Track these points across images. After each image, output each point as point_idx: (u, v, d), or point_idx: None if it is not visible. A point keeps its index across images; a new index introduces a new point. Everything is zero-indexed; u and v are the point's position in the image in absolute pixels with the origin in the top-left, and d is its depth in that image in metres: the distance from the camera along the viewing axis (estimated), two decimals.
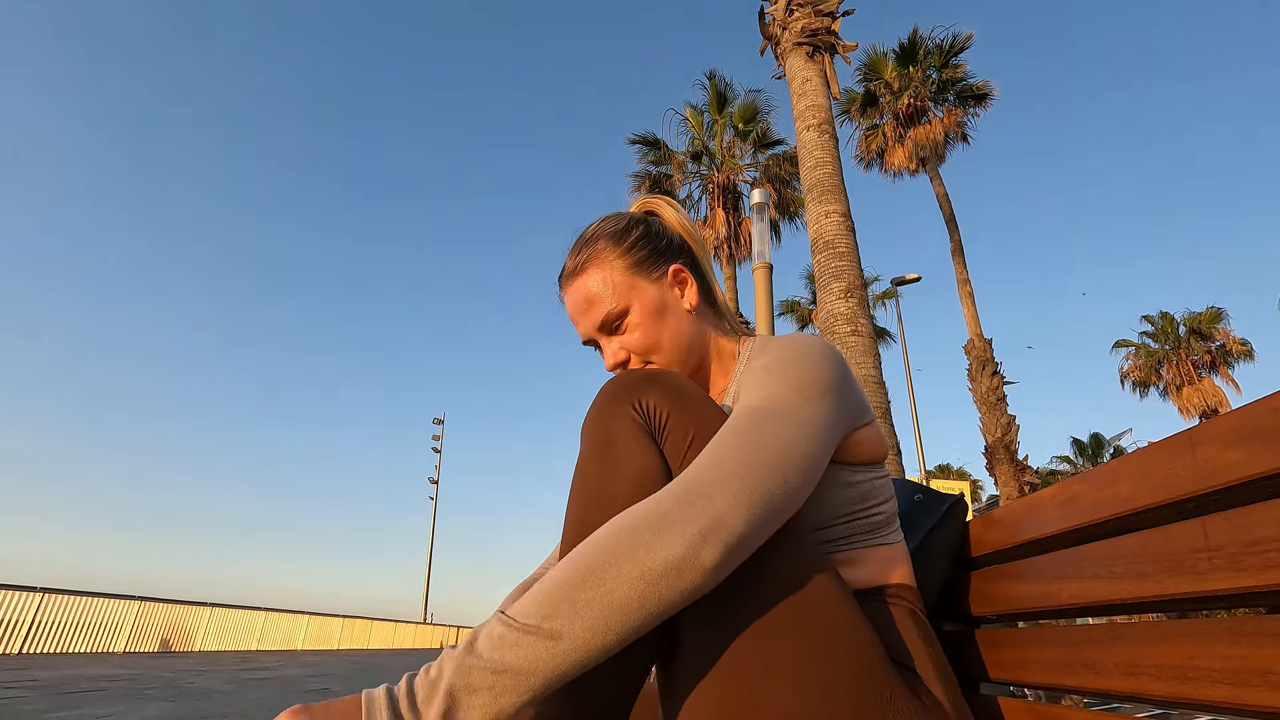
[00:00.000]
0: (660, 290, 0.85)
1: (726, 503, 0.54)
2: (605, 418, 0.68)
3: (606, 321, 0.84)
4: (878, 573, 0.76)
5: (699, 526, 0.53)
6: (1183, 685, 0.52)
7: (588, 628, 0.49)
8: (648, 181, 14.03)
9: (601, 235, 0.86)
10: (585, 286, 0.84)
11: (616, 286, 0.83)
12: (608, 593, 0.50)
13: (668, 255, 0.87)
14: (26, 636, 9.69)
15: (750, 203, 5.87)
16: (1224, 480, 0.50)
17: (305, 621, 16.42)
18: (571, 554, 0.53)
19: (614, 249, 0.85)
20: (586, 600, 0.50)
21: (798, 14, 6.67)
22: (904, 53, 13.70)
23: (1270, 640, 0.45)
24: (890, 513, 0.80)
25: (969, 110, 13.82)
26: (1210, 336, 21.15)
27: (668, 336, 0.83)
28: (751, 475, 0.57)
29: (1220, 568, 0.49)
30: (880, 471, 0.79)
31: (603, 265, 0.84)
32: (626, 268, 0.84)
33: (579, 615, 0.49)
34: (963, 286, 12.37)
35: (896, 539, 0.80)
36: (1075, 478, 0.70)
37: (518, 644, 0.49)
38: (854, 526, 0.76)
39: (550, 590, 0.51)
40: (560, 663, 0.49)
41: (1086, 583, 0.65)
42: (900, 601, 0.75)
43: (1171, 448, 0.56)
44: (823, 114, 6.21)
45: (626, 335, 0.84)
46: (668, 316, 0.84)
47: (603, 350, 0.87)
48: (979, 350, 11.69)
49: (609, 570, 0.51)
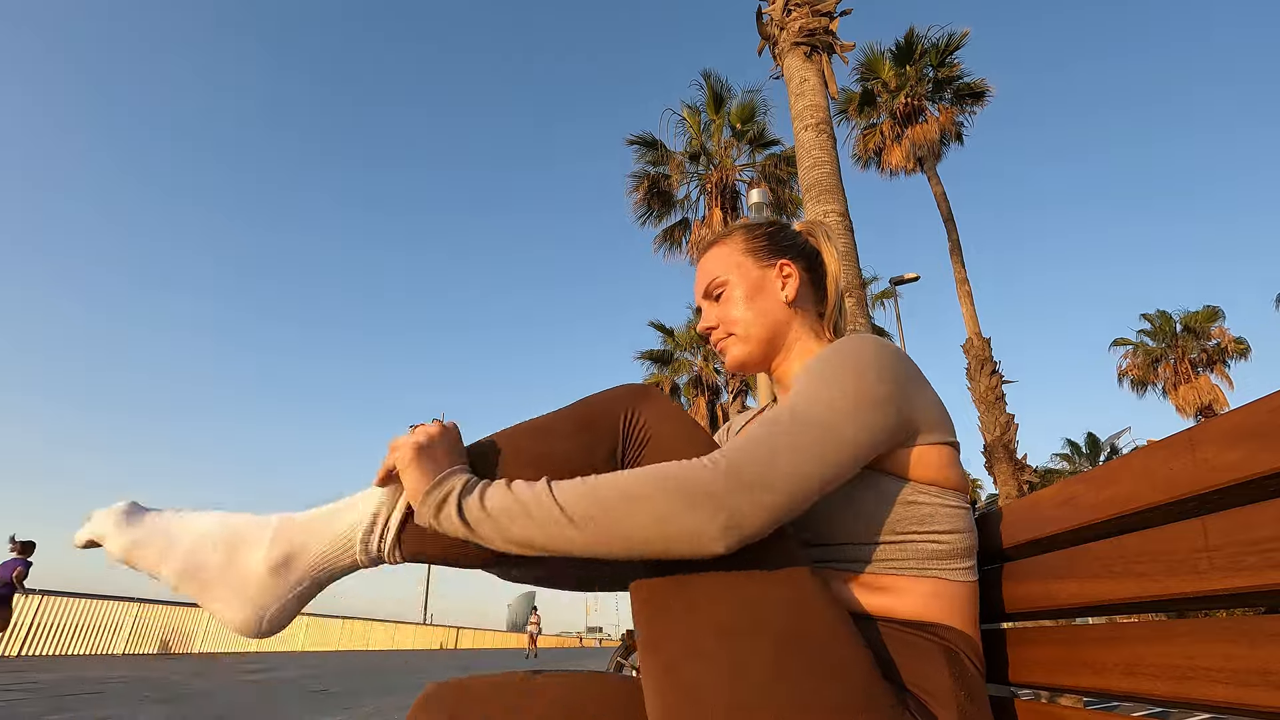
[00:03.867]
0: (763, 275, 0.94)
1: (754, 506, 0.59)
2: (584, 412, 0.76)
3: (710, 289, 0.96)
4: (918, 606, 0.71)
5: (725, 517, 0.58)
6: (1183, 685, 0.52)
7: (599, 538, 0.60)
8: (646, 181, 14.03)
9: (740, 225, 0.99)
10: (707, 260, 0.98)
11: (727, 262, 0.95)
12: (628, 521, 0.59)
13: (785, 252, 0.95)
14: (26, 638, 9.67)
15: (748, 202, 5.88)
16: (1224, 480, 0.50)
17: (305, 623, 16.40)
18: (633, 472, 0.63)
19: (741, 236, 0.97)
20: (611, 519, 0.60)
21: (795, 14, 6.67)
22: (901, 52, 13.71)
23: (1270, 640, 0.45)
24: (958, 548, 0.73)
25: (966, 109, 13.83)
26: (1206, 335, 21.19)
27: (753, 315, 0.92)
28: (783, 485, 0.61)
29: (1220, 567, 0.49)
30: (951, 499, 0.74)
31: (726, 245, 0.97)
32: (743, 250, 0.95)
33: (599, 527, 0.60)
34: (961, 286, 12.38)
35: (960, 577, 0.73)
36: (1075, 477, 0.70)
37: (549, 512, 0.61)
38: (901, 550, 0.72)
39: (594, 492, 0.61)
40: (563, 545, 0.61)
41: (1086, 582, 0.65)
42: (936, 639, 0.69)
43: (1171, 447, 0.56)
44: (820, 113, 6.21)
45: (721, 305, 0.95)
46: (760, 298, 0.93)
47: (701, 317, 0.98)
48: (977, 349, 11.69)
49: (639, 508, 0.59)
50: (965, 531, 0.74)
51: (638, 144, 14.13)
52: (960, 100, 13.74)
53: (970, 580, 0.74)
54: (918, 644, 0.69)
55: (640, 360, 19.10)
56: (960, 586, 0.73)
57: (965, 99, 13.73)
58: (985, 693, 0.70)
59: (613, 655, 5.77)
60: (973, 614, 0.73)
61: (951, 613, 0.72)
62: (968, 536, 0.74)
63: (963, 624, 0.72)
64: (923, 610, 0.71)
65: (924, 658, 0.68)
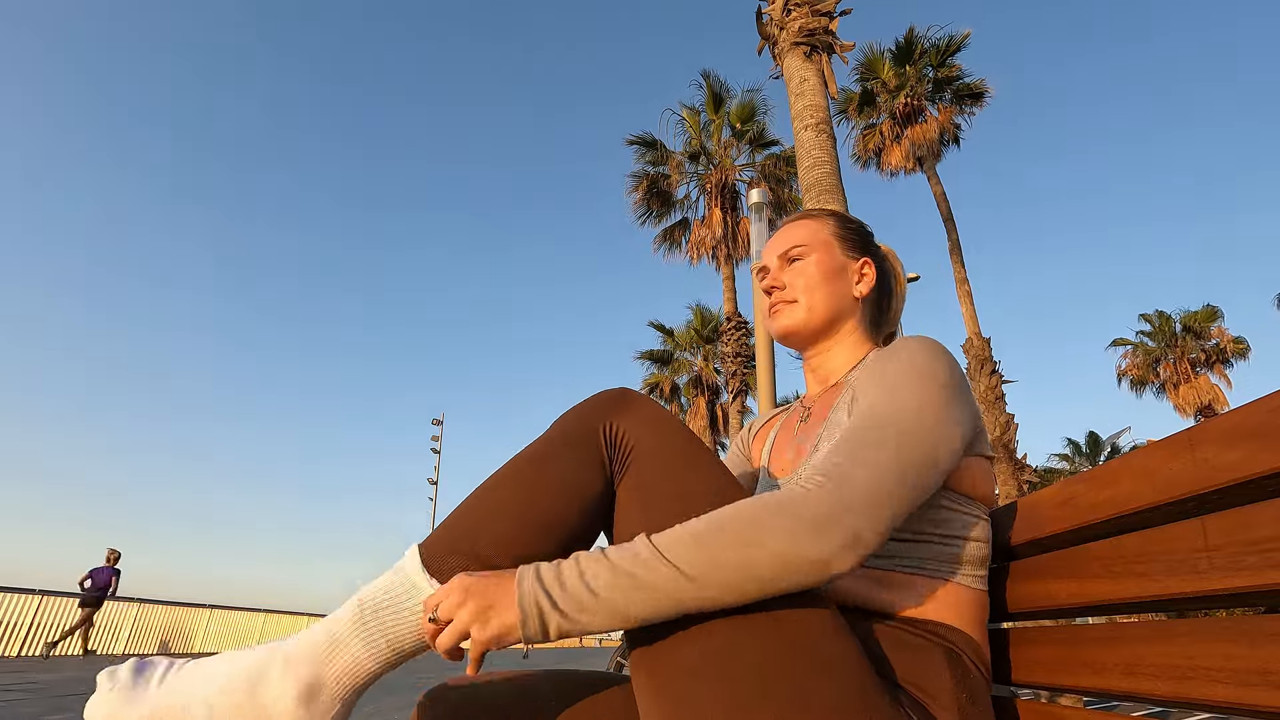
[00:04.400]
0: (844, 263, 0.95)
1: (870, 523, 0.59)
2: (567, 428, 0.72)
3: (790, 251, 0.95)
4: (924, 606, 0.71)
5: (843, 538, 0.57)
6: (1183, 685, 0.52)
7: (724, 590, 0.56)
8: (646, 181, 14.04)
9: (835, 212, 1.01)
10: (796, 227, 0.98)
11: (816, 235, 0.96)
12: (752, 566, 0.56)
13: (868, 251, 0.97)
14: (26, 638, 9.66)
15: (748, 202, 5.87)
16: (1224, 480, 0.50)
17: (305, 623, 16.39)
18: (732, 511, 0.59)
19: (835, 221, 0.98)
20: (734, 567, 0.56)
21: (795, 14, 6.67)
22: (901, 52, 13.70)
23: (1270, 640, 0.45)
24: (973, 555, 0.74)
25: (965, 109, 13.83)
26: (1206, 335, 21.20)
27: (824, 291, 0.92)
28: (896, 501, 0.61)
29: (1220, 567, 0.49)
30: (973, 508, 0.75)
31: (819, 221, 0.98)
32: (833, 233, 0.97)
33: (724, 578, 0.56)
34: (961, 285, 12.38)
35: (971, 584, 0.73)
36: (1075, 477, 0.70)
37: (664, 577, 0.56)
38: (916, 549, 0.73)
39: (702, 540, 0.57)
40: (691, 607, 0.57)
41: (1086, 583, 0.65)
42: (939, 640, 0.69)
43: (1171, 447, 0.56)
44: (820, 113, 6.21)
45: (795, 268, 0.94)
46: (835, 279, 0.93)
47: (769, 274, 0.97)
48: (977, 349, 11.70)
49: (759, 549, 0.56)
50: (981, 541, 0.75)
51: (637, 144, 14.12)
52: (960, 101, 13.74)
53: (981, 589, 0.74)
54: (919, 643, 0.68)
55: (640, 360, 19.11)
56: (970, 592, 0.73)
57: (965, 99, 13.73)
58: (989, 698, 0.69)
59: (613, 655, 5.76)
60: (981, 620, 0.74)
61: (960, 616, 0.71)
62: (983, 546, 0.75)
63: (970, 628, 0.72)
64: (929, 611, 0.71)
65: (923, 657, 0.67)
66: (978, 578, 0.74)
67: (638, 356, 19.13)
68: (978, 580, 0.74)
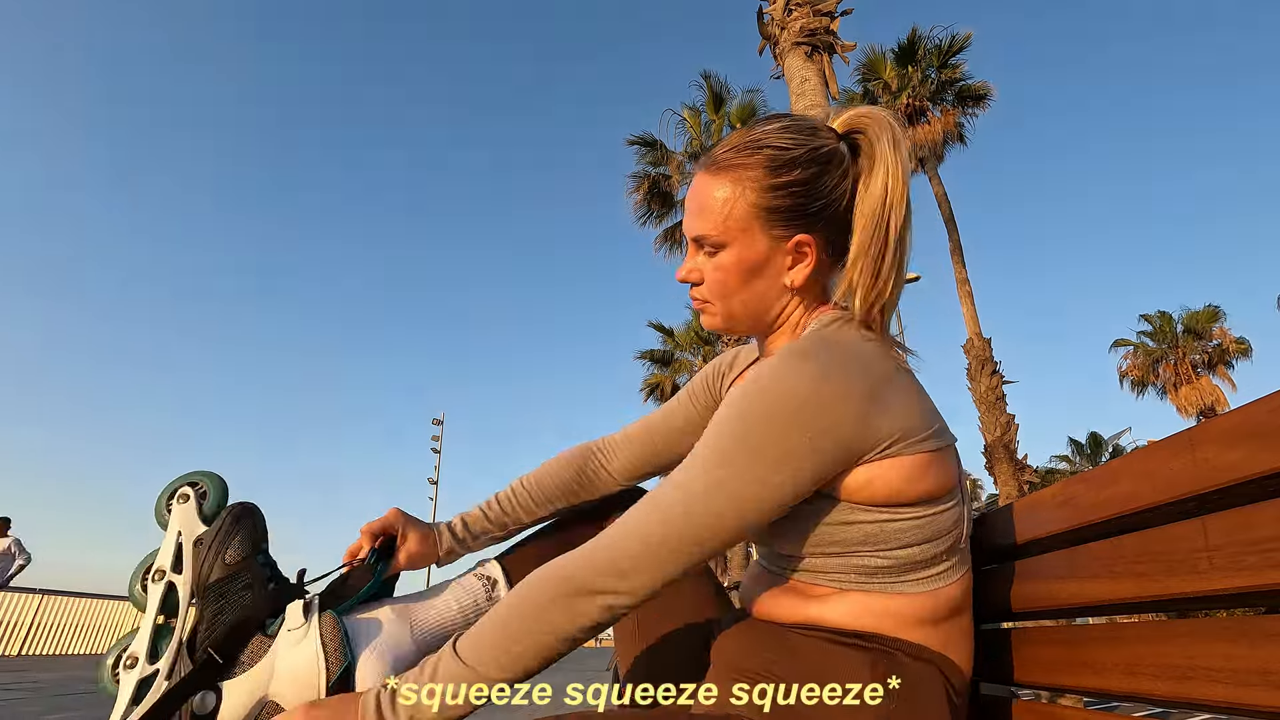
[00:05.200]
0: (770, 249, 0.77)
1: (642, 582, 0.64)
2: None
3: (701, 240, 0.79)
4: (850, 616, 0.69)
5: (612, 600, 0.64)
6: (1183, 685, 0.52)
7: (517, 668, 0.64)
8: (646, 182, 14.05)
9: (765, 148, 0.76)
10: (709, 191, 0.77)
11: (731, 216, 0.76)
12: (534, 644, 0.64)
13: (806, 220, 0.76)
14: (26, 638, 9.67)
15: None
16: (1224, 480, 0.50)
17: None
18: (510, 601, 0.66)
19: (762, 177, 0.75)
20: (518, 652, 0.64)
21: (796, 14, 6.67)
22: (903, 53, 13.71)
23: (1270, 640, 0.45)
24: (913, 560, 0.69)
25: (967, 110, 13.83)
26: (1207, 335, 21.19)
27: (741, 297, 0.79)
28: (669, 560, 0.64)
29: (1220, 567, 0.49)
30: (905, 514, 0.68)
31: (739, 183, 0.76)
32: (756, 206, 0.75)
33: (513, 660, 0.64)
34: (962, 286, 12.38)
35: (913, 589, 0.69)
36: (1075, 477, 0.70)
37: (464, 677, 0.63)
38: (844, 562, 0.70)
39: (489, 636, 0.65)
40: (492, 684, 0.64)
41: (1086, 583, 0.65)
42: (862, 647, 0.67)
43: (1171, 447, 0.56)
44: (821, 114, 6.21)
45: (710, 265, 0.79)
46: (756, 279, 0.78)
47: (687, 256, 0.83)
48: (978, 349, 11.69)
49: (536, 627, 0.64)
50: (925, 542, 0.69)
51: (638, 144, 14.15)
52: (962, 102, 13.74)
53: (928, 590, 0.69)
54: (836, 650, 0.67)
55: (640, 360, 19.12)
56: (912, 600, 0.69)
57: (967, 100, 13.73)
58: (935, 699, 0.67)
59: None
60: (931, 621, 0.69)
61: (897, 624, 0.69)
62: (931, 546, 0.69)
63: (913, 633, 0.69)
64: (854, 620, 0.69)
65: (839, 662, 0.66)
66: (925, 579, 0.69)
67: (638, 357, 19.15)
68: (926, 582, 0.69)
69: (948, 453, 0.71)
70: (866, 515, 0.67)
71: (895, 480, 0.66)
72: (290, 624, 0.75)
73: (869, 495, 0.67)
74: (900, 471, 0.66)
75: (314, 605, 0.77)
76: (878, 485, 0.66)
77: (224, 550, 0.78)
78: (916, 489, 0.67)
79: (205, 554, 0.78)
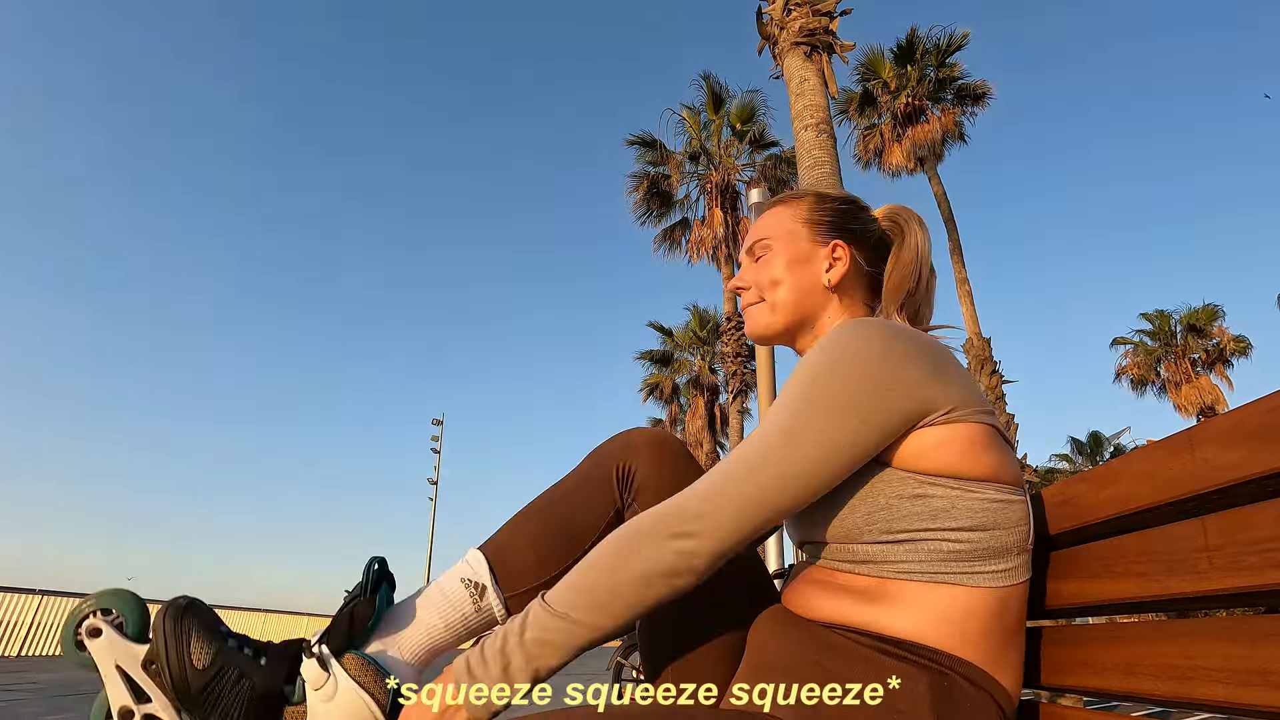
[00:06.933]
0: (812, 250, 0.89)
1: (713, 526, 0.63)
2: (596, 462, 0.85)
3: (754, 246, 0.92)
4: (909, 623, 0.63)
5: (683, 545, 0.63)
6: (1183, 685, 0.52)
7: (607, 615, 0.64)
8: (646, 181, 14.05)
9: (814, 192, 0.94)
10: (765, 216, 0.94)
11: (781, 224, 0.91)
12: (616, 588, 0.64)
13: (845, 234, 0.89)
14: (26, 638, 9.67)
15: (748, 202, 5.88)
16: (1224, 480, 0.50)
17: (306, 623, 16.39)
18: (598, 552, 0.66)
19: (809, 203, 0.92)
20: (602, 600, 0.64)
21: (795, 13, 6.67)
22: (901, 52, 13.70)
23: (1270, 640, 0.45)
24: (980, 547, 0.64)
25: (966, 110, 13.83)
26: (1207, 334, 21.20)
27: (787, 285, 0.88)
28: (740, 512, 0.63)
29: (1220, 567, 0.49)
30: (977, 489, 0.65)
31: (790, 207, 0.92)
32: (804, 218, 0.90)
33: (599, 607, 0.64)
34: (961, 286, 12.39)
35: (988, 583, 0.63)
36: (1075, 477, 0.70)
37: (557, 627, 0.64)
38: (909, 550, 0.64)
39: (578, 583, 0.66)
40: (586, 637, 0.65)
41: (1086, 582, 0.65)
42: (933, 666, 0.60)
43: (1171, 447, 0.56)
44: (821, 113, 6.21)
45: (759, 266, 0.90)
46: (799, 269, 0.88)
47: (740, 271, 0.95)
48: (977, 349, 11.70)
49: (626, 569, 0.64)
50: (997, 528, 0.64)
51: (637, 144, 14.15)
52: (961, 101, 13.74)
53: (1000, 586, 0.64)
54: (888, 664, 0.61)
55: (640, 360, 19.13)
56: (983, 597, 0.63)
57: (966, 99, 13.73)
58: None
59: (613, 655, 5.76)
60: (999, 630, 0.64)
61: (962, 634, 0.62)
62: (1003, 534, 0.65)
63: (975, 648, 0.62)
64: (913, 626, 0.63)
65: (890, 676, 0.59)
66: (1000, 572, 0.64)
67: (637, 357, 19.17)
68: (1001, 576, 0.64)
69: (999, 438, 0.69)
70: (936, 488, 0.65)
71: (958, 446, 0.65)
72: (314, 684, 0.70)
73: (933, 463, 0.65)
74: (962, 439, 0.65)
75: (327, 657, 0.71)
76: (941, 454, 0.65)
77: (186, 655, 0.68)
78: (982, 462, 0.66)
79: (168, 669, 0.68)
